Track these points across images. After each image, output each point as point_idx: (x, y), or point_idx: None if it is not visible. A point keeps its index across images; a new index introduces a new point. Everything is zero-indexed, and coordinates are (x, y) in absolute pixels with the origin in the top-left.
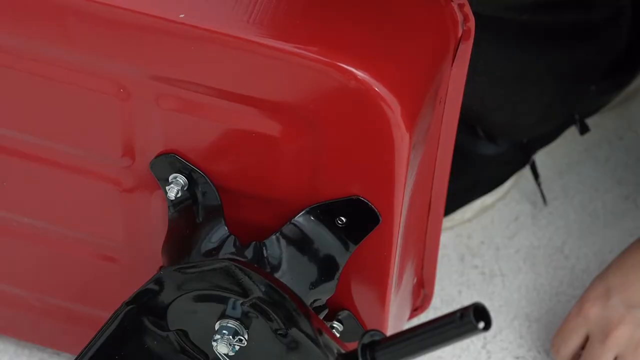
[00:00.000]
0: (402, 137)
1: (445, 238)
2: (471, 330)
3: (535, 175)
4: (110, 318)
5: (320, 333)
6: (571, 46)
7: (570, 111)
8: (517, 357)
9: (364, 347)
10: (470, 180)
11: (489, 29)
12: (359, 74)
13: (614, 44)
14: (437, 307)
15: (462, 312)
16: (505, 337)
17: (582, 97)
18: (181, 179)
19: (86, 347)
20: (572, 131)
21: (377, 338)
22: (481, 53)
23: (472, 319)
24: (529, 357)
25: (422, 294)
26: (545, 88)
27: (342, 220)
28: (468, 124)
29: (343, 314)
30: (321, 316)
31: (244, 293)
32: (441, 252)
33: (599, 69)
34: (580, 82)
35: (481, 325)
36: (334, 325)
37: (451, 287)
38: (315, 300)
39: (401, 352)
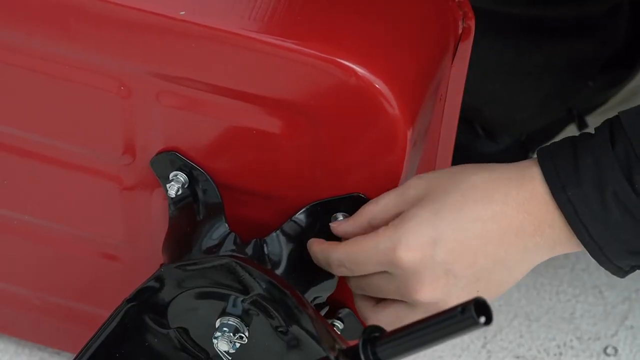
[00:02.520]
0: (402, 133)
1: None
2: (472, 324)
3: None
4: (111, 315)
5: (321, 330)
6: (567, 41)
7: (567, 106)
8: (517, 357)
9: (365, 342)
10: None
11: (482, 21)
12: (359, 70)
13: (611, 39)
14: None
15: (463, 307)
16: (506, 337)
17: (579, 93)
18: (182, 177)
19: (87, 344)
20: (572, 130)
21: (377, 333)
22: (474, 45)
23: (473, 313)
24: (529, 357)
25: None
26: (541, 82)
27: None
28: (467, 121)
29: (344, 312)
30: (322, 314)
31: (245, 290)
32: None
33: (596, 64)
34: (577, 77)
35: (482, 319)
36: (335, 323)
37: None
38: (315, 298)
39: (402, 347)
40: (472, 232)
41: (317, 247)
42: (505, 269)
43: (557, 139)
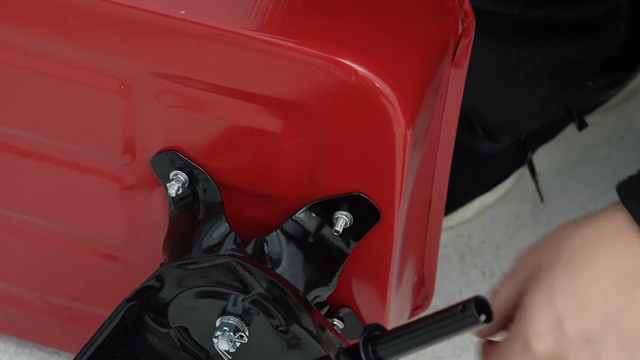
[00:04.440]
0: (402, 133)
1: (445, 237)
2: (472, 323)
3: (533, 173)
4: (112, 315)
5: (322, 329)
6: (566, 41)
7: (567, 106)
8: None
9: (365, 340)
10: (470, 178)
11: (482, 22)
12: (360, 69)
13: (611, 40)
14: (437, 307)
15: (464, 305)
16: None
17: (578, 93)
18: (182, 176)
19: (87, 344)
20: (572, 130)
21: (378, 332)
22: (474, 45)
23: (473, 311)
24: None
25: (422, 293)
26: (539, 82)
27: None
28: (467, 121)
29: (344, 311)
30: (322, 313)
31: (245, 289)
32: (441, 251)
33: (595, 65)
34: (576, 78)
35: (482, 318)
36: (335, 322)
37: (451, 287)
38: (315, 297)
39: (402, 346)
40: (589, 295)
41: None
42: (638, 309)
43: (557, 139)
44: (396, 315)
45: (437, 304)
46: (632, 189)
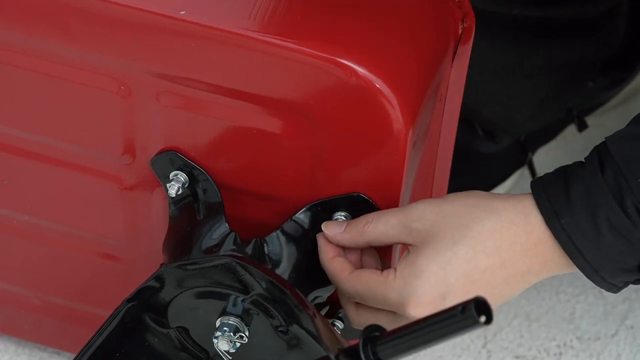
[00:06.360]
0: (402, 133)
1: None
2: (472, 324)
3: (533, 173)
4: (111, 315)
5: (322, 329)
6: (565, 42)
7: (567, 107)
8: (517, 357)
9: (365, 341)
10: (469, 178)
11: (482, 22)
12: (360, 70)
13: (610, 39)
14: None
15: (464, 306)
16: (506, 336)
17: (578, 93)
18: (182, 176)
19: (87, 344)
20: (572, 130)
21: (378, 333)
22: (474, 46)
23: (473, 312)
24: (529, 357)
25: None
26: (540, 82)
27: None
28: (467, 121)
29: (343, 312)
30: (322, 313)
31: (245, 290)
32: None
33: (595, 64)
34: (576, 78)
35: (482, 319)
36: (335, 323)
37: None
38: (315, 297)
39: (402, 347)
40: (480, 281)
41: (331, 267)
42: (506, 299)
43: (557, 139)
44: None
45: None
46: (543, 181)
